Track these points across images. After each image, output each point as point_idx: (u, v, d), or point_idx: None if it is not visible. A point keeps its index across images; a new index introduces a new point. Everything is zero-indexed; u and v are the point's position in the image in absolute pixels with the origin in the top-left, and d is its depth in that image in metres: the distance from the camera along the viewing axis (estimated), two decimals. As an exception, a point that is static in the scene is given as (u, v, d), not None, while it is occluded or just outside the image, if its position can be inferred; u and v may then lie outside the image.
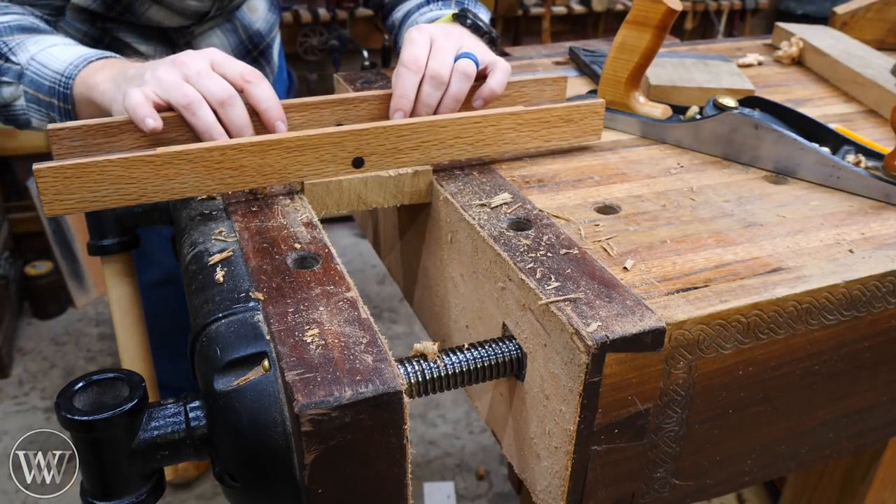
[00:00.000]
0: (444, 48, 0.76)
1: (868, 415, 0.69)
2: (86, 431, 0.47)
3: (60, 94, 0.78)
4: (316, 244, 0.61)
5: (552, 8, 2.90)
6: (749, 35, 2.58)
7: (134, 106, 0.66)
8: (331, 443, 0.46)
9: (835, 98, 1.00)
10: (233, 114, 0.68)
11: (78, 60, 0.78)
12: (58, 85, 0.78)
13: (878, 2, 1.17)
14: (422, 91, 0.75)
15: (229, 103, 0.68)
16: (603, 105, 0.79)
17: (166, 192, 0.64)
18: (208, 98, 0.67)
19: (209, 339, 0.52)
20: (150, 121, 0.66)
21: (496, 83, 0.78)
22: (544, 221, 0.65)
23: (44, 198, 0.60)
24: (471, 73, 0.76)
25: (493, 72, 0.78)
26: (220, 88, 0.68)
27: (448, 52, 0.76)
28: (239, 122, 0.68)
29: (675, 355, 0.54)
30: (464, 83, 0.76)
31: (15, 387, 2.10)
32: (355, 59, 2.74)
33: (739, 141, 0.78)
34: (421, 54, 0.75)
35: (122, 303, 0.81)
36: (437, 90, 0.75)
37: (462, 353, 0.58)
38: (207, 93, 0.67)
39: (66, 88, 0.78)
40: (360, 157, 0.70)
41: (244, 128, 0.69)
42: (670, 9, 0.78)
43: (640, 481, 0.59)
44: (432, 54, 0.76)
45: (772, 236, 0.64)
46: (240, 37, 1.23)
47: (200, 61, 0.69)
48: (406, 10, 0.98)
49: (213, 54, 0.70)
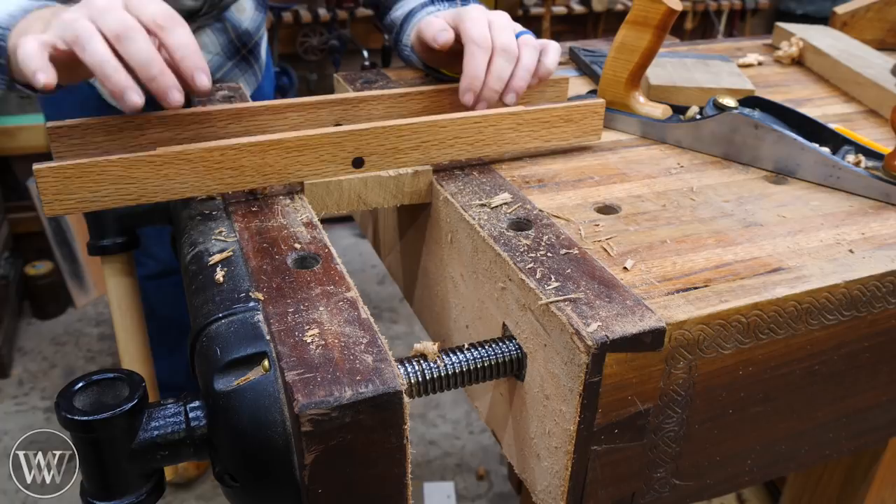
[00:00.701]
0: (505, 26, 0.77)
1: (868, 415, 0.69)
2: (86, 431, 0.47)
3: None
4: (316, 244, 0.61)
5: (552, 8, 2.91)
6: (749, 35, 2.58)
7: (25, 57, 0.59)
8: (331, 443, 0.46)
9: (835, 98, 1.00)
10: (132, 48, 0.59)
11: (17, 12, 0.71)
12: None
13: (878, 2, 1.17)
14: (493, 64, 0.75)
15: (126, 36, 0.59)
16: (603, 105, 0.79)
17: (166, 192, 0.64)
18: (104, 31, 0.59)
19: (209, 339, 0.52)
20: (40, 75, 0.58)
21: (550, 62, 0.79)
22: (544, 221, 0.65)
23: (44, 198, 0.60)
24: (537, 46, 0.77)
25: (547, 50, 0.79)
26: (117, 20, 0.59)
27: (510, 29, 0.77)
28: (140, 56, 0.59)
29: (675, 355, 0.54)
30: (534, 54, 0.77)
31: (15, 387, 2.10)
32: (355, 59, 2.74)
33: (739, 141, 0.78)
34: (487, 32, 0.75)
35: (122, 303, 0.81)
36: (509, 63, 0.75)
37: (462, 353, 0.58)
38: (101, 25, 0.59)
39: (1, 40, 0.69)
40: (359, 158, 0.70)
41: (149, 63, 0.59)
42: (670, 9, 0.78)
43: (640, 481, 0.59)
44: (496, 31, 0.76)
45: (772, 236, 0.64)
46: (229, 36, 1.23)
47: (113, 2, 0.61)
48: (408, 10, 0.98)
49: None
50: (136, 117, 0.68)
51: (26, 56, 0.59)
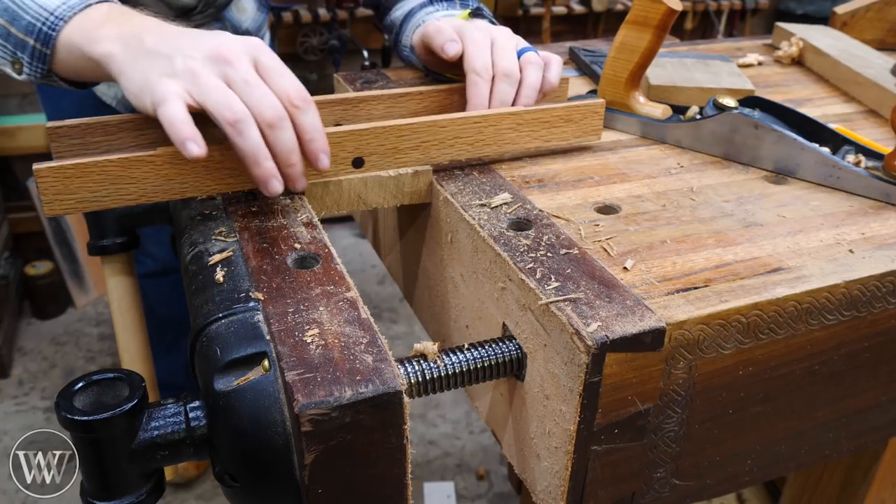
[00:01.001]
0: (506, 46, 0.78)
1: (868, 415, 0.69)
2: (86, 431, 0.47)
3: (42, 35, 0.67)
4: (316, 244, 0.61)
5: (552, 8, 2.90)
6: (749, 35, 2.58)
7: (172, 121, 0.57)
8: (331, 443, 0.46)
9: (835, 98, 1.00)
10: (283, 136, 0.60)
11: (75, 2, 0.67)
12: (41, 23, 0.67)
13: (878, 2, 1.17)
14: (496, 91, 0.76)
15: (280, 126, 0.60)
16: (603, 105, 0.79)
17: (166, 192, 0.64)
18: (256, 116, 0.59)
19: (209, 339, 0.52)
20: (193, 146, 0.57)
21: (554, 76, 0.80)
22: (544, 221, 0.65)
23: (44, 198, 0.60)
24: (541, 63, 0.78)
25: (549, 65, 0.80)
26: (271, 107, 0.59)
27: (511, 49, 0.78)
28: (287, 147, 0.60)
29: (675, 355, 0.54)
30: (538, 72, 0.78)
31: (15, 387, 2.10)
32: (355, 59, 2.74)
33: (739, 141, 0.78)
34: (488, 58, 0.77)
35: (123, 303, 0.81)
36: (511, 87, 0.77)
37: (462, 353, 0.58)
38: (256, 110, 0.59)
39: (51, 30, 0.66)
40: (359, 158, 0.70)
41: (292, 152, 0.61)
42: (670, 9, 0.78)
43: (640, 481, 0.59)
44: (497, 54, 0.78)
45: (772, 236, 0.64)
46: None
47: (245, 61, 0.60)
48: (407, 10, 0.98)
49: (255, 49, 0.61)
50: (136, 117, 0.68)
51: (175, 120, 0.57)
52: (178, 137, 0.58)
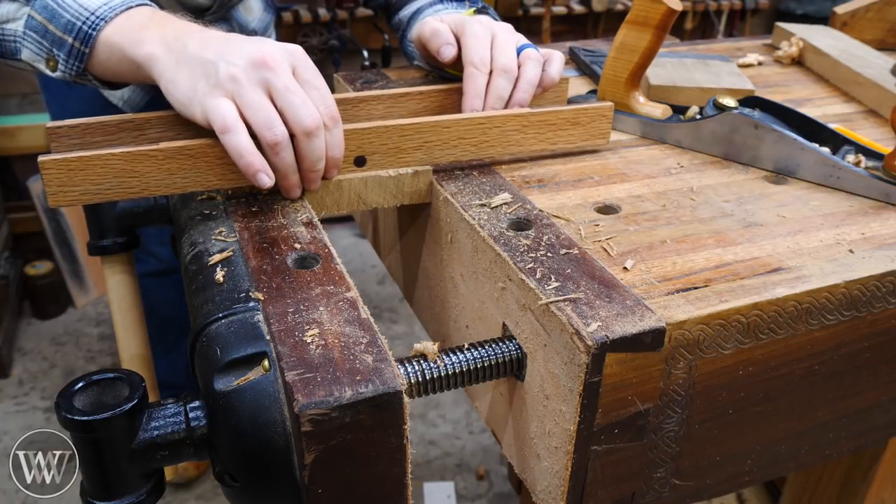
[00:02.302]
0: (506, 42, 0.78)
1: (868, 415, 0.69)
2: (86, 431, 0.47)
3: (82, 34, 0.67)
4: (316, 244, 0.61)
5: (552, 8, 2.90)
6: (749, 35, 2.58)
7: (241, 153, 0.60)
8: (331, 443, 0.46)
9: (835, 98, 1.00)
10: (317, 145, 0.62)
11: (115, 2, 0.67)
12: (82, 22, 0.67)
13: (878, 2, 1.17)
14: (493, 85, 0.76)
15: (315, 135, 0.62)
16: (612, 108, 0.78)
17: (168, 187, 0.64)
18: (294, 124, 0.61)
19: (209, 339, 0.52)
20: (264, 178, 0.60)
21: (555, 71, 0.80)
22: (544, 221, 0.65)
23: (48, 189, 0.61)
24: (539, 59, 0.79)
25: (551, 61, 0.81)
26: (310, 116, 0.61)
27: (511, 46, 0.78)
28: (317, 155, 0.63)
29: (675, 355, 0.54)
30: (537, 67, 0.78)
31: (15, 387, 2.10)
32: (355, 59, 2.74)
33: (739, 141, 0.78)
34: (487, 52, 0.77)
35: (123, 303, 0.81)
36: (508, 82, 0.77)
37: (462, 353, 0.58)
38: (294, 118, 0.60)
39: (92, 29, 0.67)
40: (362, 156, 0.70)
41: (320, 160, 0.63)
42: (670, 9, 0.78)
43: (640, 481, 0.59)
44: (497, 49, 0.78)
45: (772, 236, 0.64)
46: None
47: (286, 69, 0.61)
48: (415, 9, 0.99)
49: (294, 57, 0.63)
50: (136, 117, 0.68)
51: (244, 151, 0.60)
52: (249, 170, 0.60)
